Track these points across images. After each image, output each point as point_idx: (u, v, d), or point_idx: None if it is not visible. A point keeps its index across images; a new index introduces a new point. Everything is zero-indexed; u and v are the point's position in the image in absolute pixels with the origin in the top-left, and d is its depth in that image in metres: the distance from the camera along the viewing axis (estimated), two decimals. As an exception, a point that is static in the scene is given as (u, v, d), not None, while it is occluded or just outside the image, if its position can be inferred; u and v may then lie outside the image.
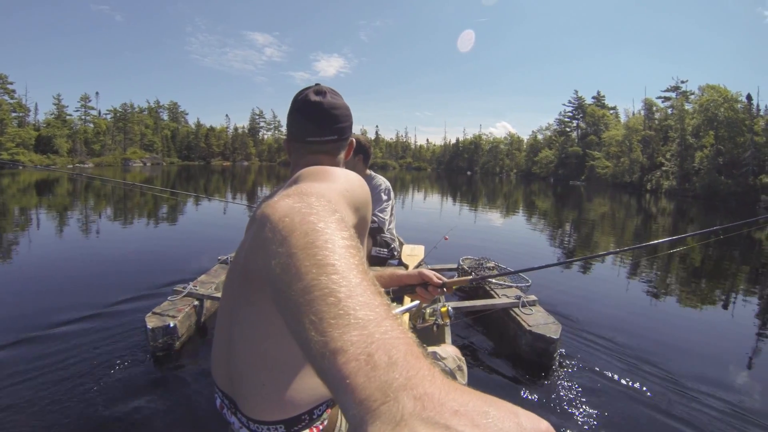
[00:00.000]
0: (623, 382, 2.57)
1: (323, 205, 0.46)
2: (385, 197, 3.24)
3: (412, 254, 3.40)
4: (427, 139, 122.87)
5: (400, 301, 1.98)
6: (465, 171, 78.43)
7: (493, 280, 3.46)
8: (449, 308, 1.96)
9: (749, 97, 36.51)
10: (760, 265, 7.15)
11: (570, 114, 64.95)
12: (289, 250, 0.39)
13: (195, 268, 4.13)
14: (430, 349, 1.41)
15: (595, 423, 2.14)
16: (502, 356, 2.85)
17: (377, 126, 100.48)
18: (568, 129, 64.75)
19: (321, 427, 0.85)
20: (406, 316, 2.05)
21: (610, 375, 2.64)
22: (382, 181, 3.30)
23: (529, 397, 2.33)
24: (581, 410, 2.24)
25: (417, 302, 1.61)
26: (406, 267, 3.20)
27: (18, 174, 24.46)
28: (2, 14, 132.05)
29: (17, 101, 51.68)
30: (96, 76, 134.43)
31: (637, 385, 2.53)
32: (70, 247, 6.01)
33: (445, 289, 1.30)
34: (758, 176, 30.52)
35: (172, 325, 2.53)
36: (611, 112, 61.17)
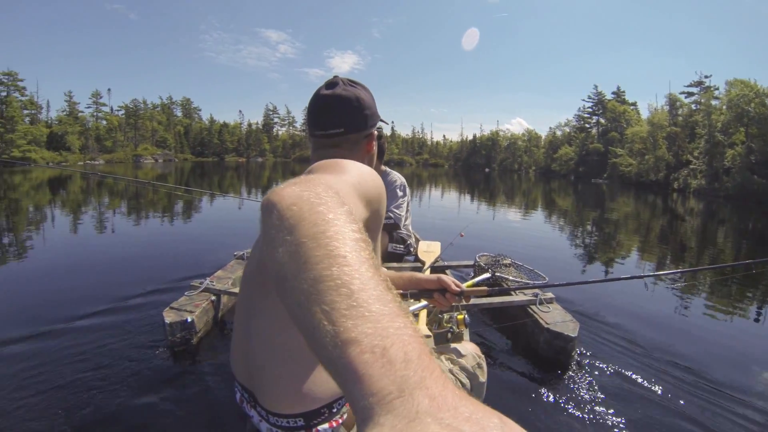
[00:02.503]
0: (644, 384, 2.46)
1: (331, 196, 0.45)
2: (400, 193, 3.22)
3: (429, 250, 3.39)
4: (444, 135, 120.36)
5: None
6: (482, 168, 77.16)
7: (510, 277, 3.38)
8: (465, 316, 1.95)
9: (783, 93, 34.69)
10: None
11: (590, 110, 63.46)
12: (298, 239, 0.39)
13: (211, 263, 4.14)
14: (451, 345, 1.41)
15: (612, 425, 2.06)
16: (519, 354, 2.79)
17: (392, 122, 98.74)
18: (587, 125, 63.34)
19: (340, 420, 0.84)
20: (423, 314, 2.03)
21: (629, 376, 2.54)
22: (397, 177, 3.28)
23: (547, 395, 2.27)
24: (599, 410, 2.16)
25: (426, 303, 1.60)
26: (423, 263, 3.18)
27: (30, 171, 24.76)
28: (13, 10, 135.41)
29: (29, 98, 52.34)
30: (108, 73, 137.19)
31: (658, 388, 2.41)
32: (85, 243, 6.09)
33: (462, 298, 1.31)
34: (796, 176, 28.64)
35: (189, 320, 2.54)
36: (632, 108, 59.28)
